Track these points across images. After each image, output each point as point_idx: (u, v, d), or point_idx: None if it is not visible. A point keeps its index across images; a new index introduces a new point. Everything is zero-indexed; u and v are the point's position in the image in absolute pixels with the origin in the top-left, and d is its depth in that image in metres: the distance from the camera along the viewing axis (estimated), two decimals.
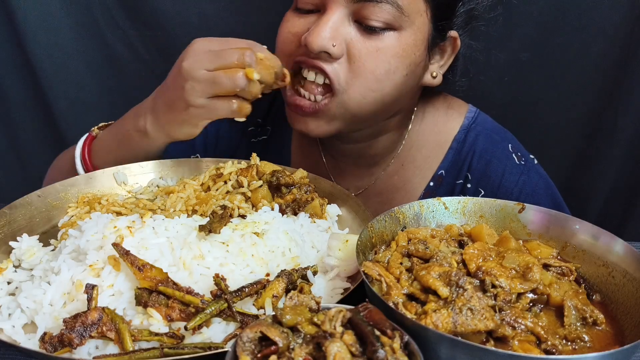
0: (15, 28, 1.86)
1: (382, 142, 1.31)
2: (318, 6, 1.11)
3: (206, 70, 1.03)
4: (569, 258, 0.88)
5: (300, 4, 1.13)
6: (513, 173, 1.29)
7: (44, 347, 0.73)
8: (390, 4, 1.06)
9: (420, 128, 1.35)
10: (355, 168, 1.38)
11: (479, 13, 1.21)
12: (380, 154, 1.34)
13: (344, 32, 1.08)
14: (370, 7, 1.06)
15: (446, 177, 1.34)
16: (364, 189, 1.39)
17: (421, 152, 1.35)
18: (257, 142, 1.46)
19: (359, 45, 1.09)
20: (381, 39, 1.08)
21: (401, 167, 1.36)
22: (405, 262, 0.82)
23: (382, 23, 1.07)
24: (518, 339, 0.69)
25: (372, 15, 1.06)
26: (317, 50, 1.07)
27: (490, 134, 1.33)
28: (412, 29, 1.10)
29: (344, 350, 0.57)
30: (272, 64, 1.08)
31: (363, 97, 1.11)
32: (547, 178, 1.34)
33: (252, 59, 1.04)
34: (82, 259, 0.86)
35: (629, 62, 1.76)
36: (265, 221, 0.96)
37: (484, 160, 1.31)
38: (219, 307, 0.77)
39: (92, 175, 1.15)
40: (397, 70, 1.11)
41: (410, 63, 1.13)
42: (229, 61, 1.03)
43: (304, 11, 1.14)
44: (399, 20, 1.08)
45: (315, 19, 1.11)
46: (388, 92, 1.13)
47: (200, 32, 1.88)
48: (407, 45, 1.11)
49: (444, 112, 1.36)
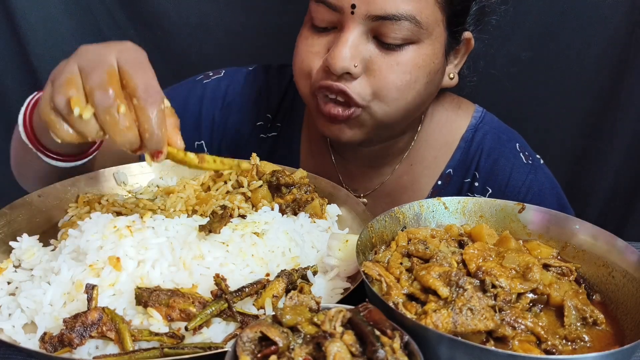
0: (15, 28, 1.86)
1: (395, 144, 1.32)
2: (334, 24, 1.10)
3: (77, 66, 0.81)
4: (569, 258, 0.88)
5: (316, 21, 1.12)
6: (521, 172, 1.30)
7: (44, 347, 0.73)
8: (409, 20, 1.05)
9: (430, 128, 1.35)
10: (365, 169, 1.38)
11: (491, 8, 1.21)
12: (393, 154, 1.35)
13: (363, 50, 1.07)
14: (388, 24, 1.05)
15: (454, 176, 1.34)
16: (373, 189, 1.39)
17: (430, 151, 1.36)
18: (267, 139, 1.45)
19: (379, 61, 1.08)
20: (400, 53, 1.08)
21: (410, 167, 1.36)
22: (405, 262, 0.82)
23: (400, 40, 1.06)
24: (518, 339, 0.69)
25: (390, 32, 1.05)
26: (340, 72, 1.06)
27: (498, 133, 1.34)
28: (430, 39, 1.10)
29: (344, 350, 0.57)
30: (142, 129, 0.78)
31: (388, 107, 1.12)
32: (553, 179, 1.35)
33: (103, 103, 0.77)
34: (82, 259, 0.86)
35: (629, 63, 1.77)
36: (265, 221, 0.96)
37: (492, 159, 1.32)
38: (219, 307, 0.77)
39: (92, 175, 1.15)
40: (417, 80, 1.11)
41: (430, 71, 1.13)
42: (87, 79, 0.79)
43: (320, 29, 1.12)
44: (418, 34, 1.07)
45: (334, 37, 1.10)
46: (411, 100, 1.13)
47: (201, 32, 1.90)
48: (427, 55, 1.11)
49: (453, 112, 1.36)
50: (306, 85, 1.15)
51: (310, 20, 1.14)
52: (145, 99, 0.78)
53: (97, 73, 0.78)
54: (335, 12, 1.07)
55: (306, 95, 1.17)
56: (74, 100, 0.77)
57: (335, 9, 1.07)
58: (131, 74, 0.79)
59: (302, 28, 1.18)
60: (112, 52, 0.82)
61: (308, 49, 1.13)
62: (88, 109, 0.77)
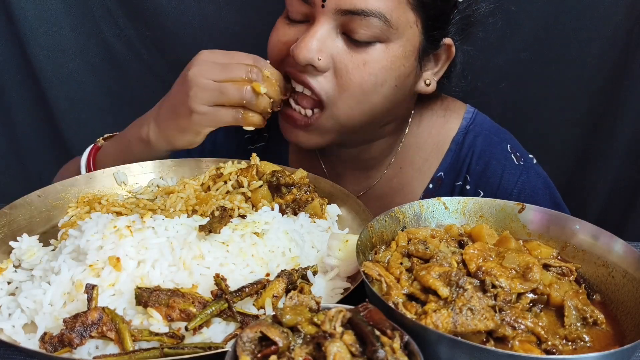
0: (15, 28, 1.86)
1: (378, 146, 1.31)
2: (307, 16, 1.11)
3: (212, 80, 1.07)
4: (569, 258, 0.88)
5: (290, 13, 1.13)
6: (512, 174, 1.29)
7: (44, 347, 0.73)
8: (378, 17, 1.04)
9: (418, 131, 1.35)
10: (352, 171, 1.37)
11: (476, 19, 1.20)
12: (377, 157, 1.34)
13: (331, 45, 1.08)
14: (357, 20, 1.05)
15: (445, 179, 1.34)
16: (362, 192, 1.38)
17: (419, 154, 1.35)
18: (255, 149, 1.45)
19: (346, 58, 1.08)
20: (368, 52, 1.08)
21: (400, 170, 1.36)
22: (405, 262, 0.82)
23: (369, 37, 1.06)
24: (519, 339, 0.69)
25: (359, 28, 1.05)
26: (303, 63, 1.07)
27: (489, 134, 1.33)
28: (400, 41, 1.09)
29: (344, 350, 0.57)
30: (276, 79, 1.11)
31: (351, 110, 1.12)
32: (547, 177, 1.34)
33: (259, 76, 1.08)
34: (82, 259, 0.86)
35: (628, 62, 1.76)
36: (265, 221, 0.96)
37: (483, 161, 1.31)
38: (220, 307, 0.77)
39: (92, 175, 1.16)
40: (384, 83, 1.10)
41: (399, 75, 1.12)
42: (235, 75, 1.07)
43: (294, 21, 1.14)
44: (387, 33, 1.07)
45: (305, 29, 1.11)
46: (377, 103, 1.13)
47: (200, 32, 1.90)
48: (396, 57, 1.10)
49: (442, 115, 1.36)
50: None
51: (286, 12, 1.16)
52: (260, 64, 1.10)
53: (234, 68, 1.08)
54: (307, 5, 1.09)
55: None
56: (255, 85, 1.07)
57: (307, 1, 1.08)
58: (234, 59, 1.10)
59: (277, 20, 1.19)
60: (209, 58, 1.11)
61: (279, 38, 1.16)
62: (262, 85, 1.08)
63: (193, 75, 1.07)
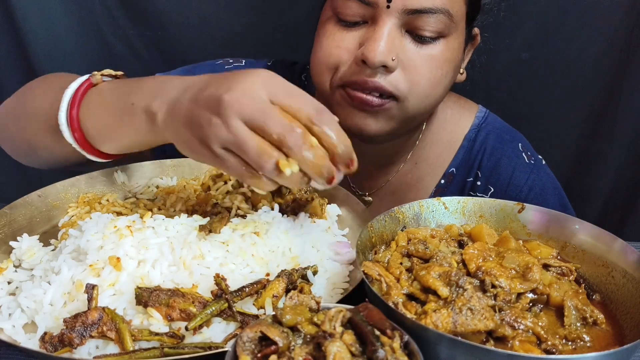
0: (15, 28, 1.86)
1: (401, 142, 1.32)
2: (366, 18, 1.08)
3: (242, 122, 0.77)
4: (569, 258, 0.88)
5: (343, 16, 1.10)
6: (523, 171, 1.31)
7: (44, 347, 0.73)
8: (444, 13, 1.05)
9: (434, 126, 1.36)
10: (371, 167, 1.37)
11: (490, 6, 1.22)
12: (398, 152, 1.35)
13: (398, 43, 1.07)
14: (424, 17, 1.04)
15: (457, 175, 1.35)
16: (378, 188, 1.39)
17: (434, 150, 1.36)
18: None
19: (414, 55, 1.08)
20: (433, 47, 1.08)
21: (415, 166, 1.37)
22: (405, 262, 0.82)
23: (434, 33, 1.07)
24: (519, 339, 0.69)
25: (426, 26, 1.05)
26: (378, 65, 1.04)
27: (501, 133, 1.35)
28: (457, 33, 1.11)
29: (344, 350, 0.57)
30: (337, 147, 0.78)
31: (422, 103, 1.12)
32: (554, 178, 1.36)
33: (298, 144, 0.76)
34: (82, 259, 0.86)
35: (629, 62, 1.76)
36: (265, 221, 0.96)
37: (494, 158, 1.32)
38: (219, 307, 0.77)
39: (92, 175, 1.15)
40: (447, 74, 1.12)
41: (455, 66, 1.14)
42: (268, 131, 0.76)
43: (349, 24, 1.10)
44: (449, 28, 1.08)
45: (364, 32, 1.08)
46: (440, 95, 1.14)
47: (200, 32, 1.90)
48: (454, 49, 1.11)
49: (457, 111, 1.37)
50: (327, 79, 1.12)
51: (335, 15, 1.11)
52: (322, 119, 0.77)
53: (272, 120, 0.76)
54: (367, 7, 1.06)
55: (325, 89, 1.14)
56: (281, 164, 0.75)
57: (369, 3, 1.05)
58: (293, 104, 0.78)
59: (322, 25, 1.15)
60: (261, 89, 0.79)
61: (336, 44, 1.10)
62: (293, 163, 0.76)
63: (227, 103, 0.77)
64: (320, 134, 0.77)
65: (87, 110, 0.96)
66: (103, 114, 0.96)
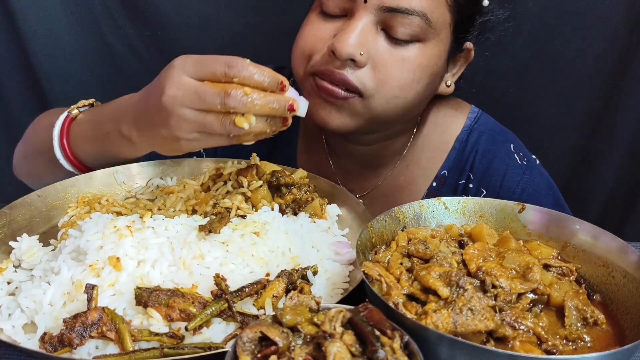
0: (15, 28, 1.86)
1: (391, 145, 1.32)
2: (345, 11, 1.09)
3: (192, 110, 0.88)
4: (569, 258, 0.88)
5: (326, 7, 1.11)
6: (515, 173, 1.30)
7: (44, 347, 0.73)
8: (420, 16, 1.05)
9: (426, 129, 1.35)
10: (362, 169, 1.38)
11: (492, 25, 1.21)
12: (389, 155, 1.35)
13: (371, 40, 1.07)
14: (399, 17, 1.05)
15: (449, 177, 1.34)
16: (369, 190, 1.39)
17: (425, 153, 1.36)
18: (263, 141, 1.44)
19: (386, 54, 1.08)
20: (407, 49, 1.08)
21: (406, 169, 1.36)
22: (406, 262, 0.82)
23: (409, 35, 1.07)
24: (519, 340, 0.69)
25: (400, 26, 1.05)
26: (345, 57, 1.05)
27: (493, 134, 1.34)
28: (436, 40, 1.10)
29: (344, 351, 0.57)
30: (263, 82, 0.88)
31: (387, 104, 1.11)
32: (549, 178, 1.35)
33: (238, 101, 0.85)
34: (82, 259, 0.85)
35: (629, 62, 1.77)
36: (265, 221, 0.96)
37: (486, 160, 1.31)
38: (219, 307, 0.77)
39: (92, 175, 1.15)
40: (420, 80, 1.11)
41: (432, 73, 1.13)
42: (210, 106, 0.86)
43: (329, 15, 1.12)
44: (426, 33, 1.07)
45: (342, 24, 1.09)
46: (410, 100, 1.13)
47: (200, 32, 1.90)
48: (432, 56, 1.11)
49: (448, 113, 1.37)
50: (302, 67, 1.14)
51: (319, 6, 1.13)
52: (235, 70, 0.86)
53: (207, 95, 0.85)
54: (348, 0, 1.07)
55: (299, 77, 1.16)
56: (238, 122, 0.86)
57: None
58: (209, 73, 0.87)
59: (308, 14, 1.17)
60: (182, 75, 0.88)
61: (313, 32, 1.13)
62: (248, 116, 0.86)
63: (169, 105, 0.87)
64: (243, 81, 0.86)
65: (75, 142, 1.12)
66: (88, 145, 1.11)
